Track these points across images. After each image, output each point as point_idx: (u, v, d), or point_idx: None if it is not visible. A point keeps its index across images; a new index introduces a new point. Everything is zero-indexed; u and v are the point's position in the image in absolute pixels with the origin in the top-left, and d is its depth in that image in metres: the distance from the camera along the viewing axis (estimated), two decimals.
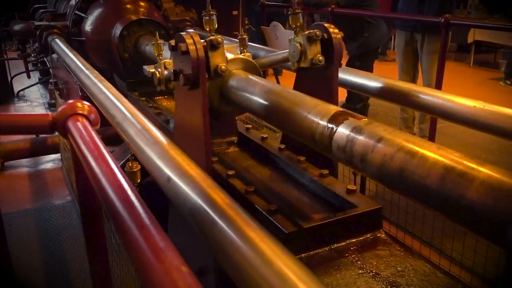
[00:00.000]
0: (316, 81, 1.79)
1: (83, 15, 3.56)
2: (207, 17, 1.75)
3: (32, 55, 6.25)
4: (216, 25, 1.76)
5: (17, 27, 5.03)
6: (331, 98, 1.69)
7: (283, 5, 6.92)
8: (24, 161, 4.48)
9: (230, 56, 1.76)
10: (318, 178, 1.65)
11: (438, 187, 0.86)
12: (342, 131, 1.10)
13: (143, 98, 2.98)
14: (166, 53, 1.91)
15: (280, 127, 1.54)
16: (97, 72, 2.17)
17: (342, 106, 1.53)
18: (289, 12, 1.79)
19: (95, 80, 1.97)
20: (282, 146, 1.92)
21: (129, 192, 0.85)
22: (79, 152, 1.10)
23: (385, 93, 1.93)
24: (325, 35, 1.72)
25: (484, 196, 0.79)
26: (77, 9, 3.58)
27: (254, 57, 1.91)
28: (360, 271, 1.30)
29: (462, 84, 7.28)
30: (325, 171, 1.66)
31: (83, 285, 2.65)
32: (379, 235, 1.46)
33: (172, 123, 2.37)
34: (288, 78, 6.24)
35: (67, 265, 2.87)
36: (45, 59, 6.36)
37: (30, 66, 6.84)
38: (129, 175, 2.01)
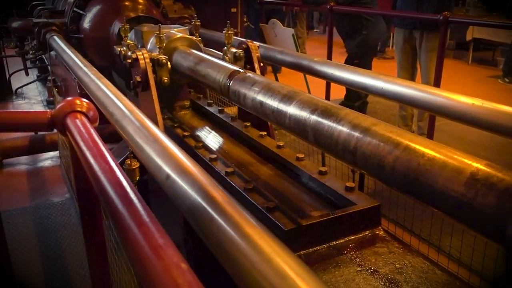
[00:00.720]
0: None
1: (81, 12, 3.55)
2: (158, 38, 2.29)
3: (30, 52, 6.22)
4: (164, 44, 2.32)
5: (15, 24, 5.01)
6: None
7: (281, 3, 6.91)
8: (23, 158, 4.46)
9: (179, 35, 2.39)
10: (317, 176, 1.65)
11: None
12: (235, 82, 1.69)
13: None
14: (131, 35, 2.72)
15: (203, 84, 2.05)
16: (95, 69, 2.16)
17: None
18: (223, 31, 2.46)
19: (94, 78, 1.97)
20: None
21: (128, 189, 0.84)
22: (78, 149, 1.10)
23: (384, 91, 1.94)
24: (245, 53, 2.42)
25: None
26: (75, 6, 3.57)
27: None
28: (358, 268, 1.30)
29: (460, 81, 7.29)
30: (324, 168, 1.67)
31: (82, 282, 2.65)
32: (377, 232, 1.46)
33: None
34: (286, 75, 6.24)
35: (66, 263, 2.87)
36: (43, 56, 6.33)
37: (28, 64, 6.81)
38: (128, 173, 2.01)
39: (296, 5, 7.18)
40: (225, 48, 2.45)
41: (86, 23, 3.49)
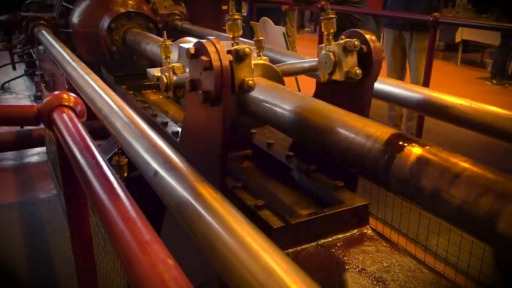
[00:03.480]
0: (345, 94, 1.53)
1: (70, 6, 3.51)
2: (231, 22, 1.47)
3: (18, 46, 6.14)
4: (241, 31, 1.50)
5: (2, 17, 4.94)
6: (363, 115, 1.37)
7: (273, 1, 6.89)
8: (9, 154, 4.41)
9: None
10: (306, 174, 1.65)
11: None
12: (403, 160, 0.92)
13: (131, 92, 2.96)
14: (174, 54, 1.70)
15: (315, 148, 1.29)
16: (84, 64, 2.14)
17: None
18: (321, 17, 1.57)
19: (82, 73, 1.95)
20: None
21: (115, 185, 0.83)
22: (65, 144, 1.09)
23: (373, 91, 1.94)
24: (364, 47, 1.47)
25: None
26: (64, 1, 3.53)
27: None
28: (346, 267, 1.31)
29: (449, 82, 7.35)
30: (313, 167, 1.66)
31: (68, 280, 2.63)
32: (365, 231, 1.46)
33: (167, 121, 2.35)
34: None
35: (52, 260, 2.84)
36: (31, 50, 6.27)
37: (16, 58, 6.72)
38: (116, 169, 1.99)
39: (287, 4, 7.17)
40: (323, 44, 1.58)
41: (75, 18, 3.46)
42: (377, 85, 1.92)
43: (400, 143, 0.96)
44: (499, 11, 7.55)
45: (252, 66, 1.41)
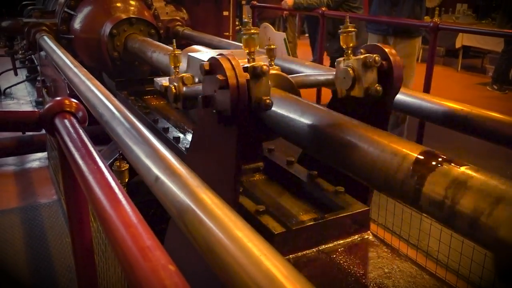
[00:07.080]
0: (362, 108, 1.48)
1: (72, 12, 3.53)
2: (247, 36, 1.43)
3: (20, 52, 6.18)
4: (257, 46, 1.47)
5: (4, 23, 4.96)
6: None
7: (273, 7, 6.90)
8: (10, 159, 4.42)
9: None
10: (307, 180, 1.65)
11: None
12: (437, 181, 0.88)
13: (132, 97, 2.97)
14: (183, 64, 1.65)
15: (337, 165, 1.23)
16: (85, 70, 2.15)
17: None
18: (340, 31, 1.50)
19: (84, 78, 1.95)
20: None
21: (117, 190, 0.84)
22: (66, 150, 1.09)
23: None
24: (384, 63, 1.41)
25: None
26: (66, 7, 3.55)
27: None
28: (347, 273, 1.31)
29: (449, 88, 7.36)
30: (314, 173, 1.67)
31: (69, 285, 2.62)
32: (366, 236, 1.46)
33: (161, 122, 2.37)
34: None
35: (53, 265, 2.84)
36: (33, 56, 6.29)
37: (18, 64, 6.76)
38: (117, 174, 1.99)
39: (287, 9, 7.18)
40: (341, 58, 1.47)
41: (77, 24, 3.47)
42: None
43: (433, 162, 0.91)
44: (502, 16, 7.57)
45: (269, 83, 1.35)
